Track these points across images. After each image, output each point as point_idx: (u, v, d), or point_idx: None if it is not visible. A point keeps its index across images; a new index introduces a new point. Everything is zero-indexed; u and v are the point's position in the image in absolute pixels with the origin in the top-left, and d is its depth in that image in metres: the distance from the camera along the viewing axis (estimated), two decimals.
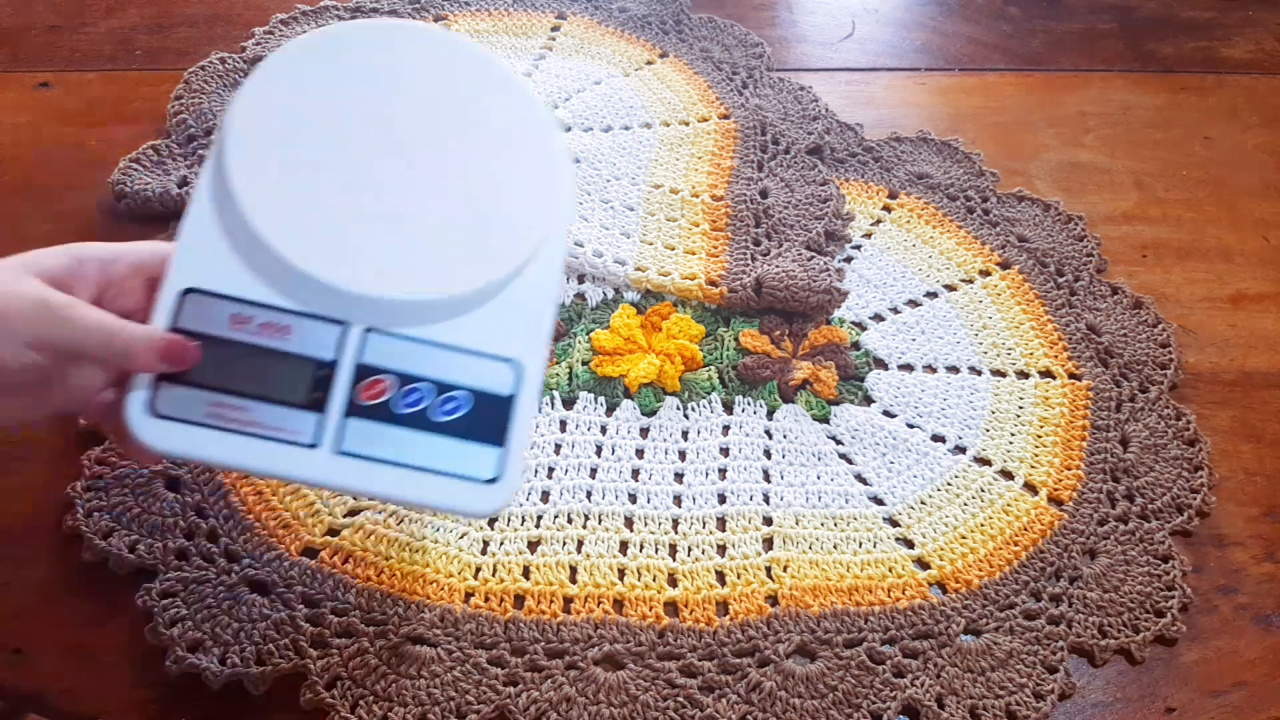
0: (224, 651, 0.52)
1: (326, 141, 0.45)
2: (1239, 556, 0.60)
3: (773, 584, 0.57)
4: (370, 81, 0.47)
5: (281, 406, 0.43)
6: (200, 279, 0.43)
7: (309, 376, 0.43)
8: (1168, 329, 0.70)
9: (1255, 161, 0.83)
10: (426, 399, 0.44)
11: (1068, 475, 0.62)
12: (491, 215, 0.46)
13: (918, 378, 0.67)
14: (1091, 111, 0.86)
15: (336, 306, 0.44)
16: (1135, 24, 0.95)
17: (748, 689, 0.53)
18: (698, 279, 0.69)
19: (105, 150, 0.77)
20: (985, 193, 0.78)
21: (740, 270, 0.70)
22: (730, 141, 0.79)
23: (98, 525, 0.56)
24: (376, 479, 0.43)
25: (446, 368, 0.45)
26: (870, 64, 0.90)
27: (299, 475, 0.44)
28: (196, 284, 0.43)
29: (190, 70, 0.82)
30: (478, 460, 0.44)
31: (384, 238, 0.44)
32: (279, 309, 0.44)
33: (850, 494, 0.61)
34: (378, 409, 0.44)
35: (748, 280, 0.69)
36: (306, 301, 0.44)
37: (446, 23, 0.86)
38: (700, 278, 0.70)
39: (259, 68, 0.46)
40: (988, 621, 0.56)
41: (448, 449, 0.44)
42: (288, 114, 0.45)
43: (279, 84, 0.46)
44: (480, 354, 0.45)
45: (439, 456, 0.44)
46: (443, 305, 0.45)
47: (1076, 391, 0.67)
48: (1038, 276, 0.73)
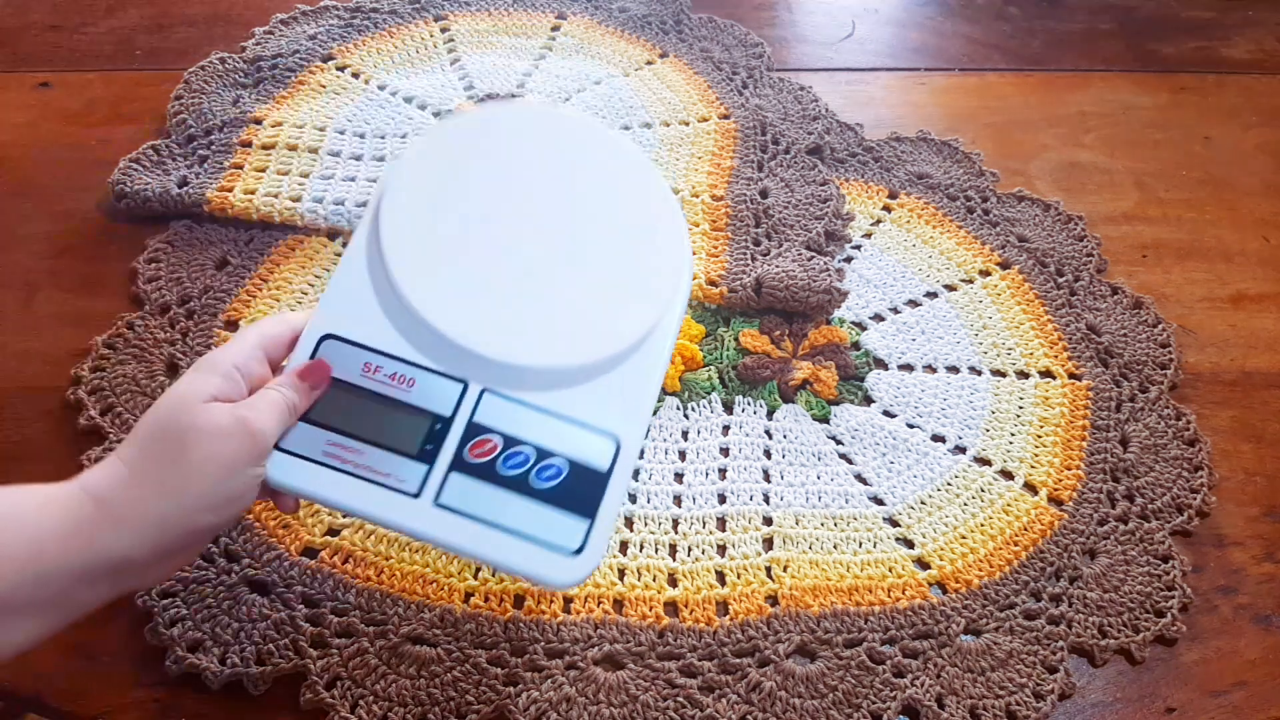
0: (224, 651, 0.52)
1: (469, 213, 0.49)
2: (1239, 556, 0.60)
3: (773, 584, 0.57)
4: (512, 160, 0.51)
5: (394, 454, 0.46)
6: (340, 327, 0.47)
7: (425, 428, 0.46)
8: (1168, 329, 0.70)
9: (1255, 161, 0.83)
10: (527, 462, 0.46)
11: (1068, 475, 0.62)
12: (614, 293, 0.49)
13: (918, 378, 0.67)
14: (1091, 111, 0.86)
15: (460, 365, 0.47)
16: (1135, 24, 0.94)
17: (748, 689, 0.53)
18: (698, 279, 0.69)
19: (105, 150, 0.77)
20: (985, 193, 0.78)
21: (740, 270, 0.70)
22: (730, 141, 0.79)
23: None
24: (467, 535, 0.45)
25: (550, 435, 0.47)
26: (870, 64, 0.90)
27: (396, 522, 0.45)
28: (336, 331, 0.47)
29: (190, 70, 0.82)
30: (565, 530, 0.45)
31: (513, 306, 0.48)
32: (408, 362, 0.47)
33: (850, 494, 0.61)
34: (481, 467, 0.46)
35: (748, 280, 0.69)
36: (434, 358, 0.47)
37: (446, 22, 0.86)
38: (700, 278, 0.70)
39: (416, 141, 0.49)
40: (988, 621, 0.56)
41: (539, 515, 0.45)
42: (437, 185, 0.50)
43: (431, 157, 0.50)
44: (584, 425, 0.47)
45: (530, 521, 0.45)
46: (557, 374, 0.47)
47: (1076, 391, 0.67)
48: (1038, 276, 0.73)
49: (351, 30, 0.85)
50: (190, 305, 0.67)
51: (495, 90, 0.81)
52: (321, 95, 0.79)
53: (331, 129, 0.77)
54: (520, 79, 0.83)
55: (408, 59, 0.83)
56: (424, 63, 0.83)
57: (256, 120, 0.77)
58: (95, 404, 0.61)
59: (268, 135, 0.76)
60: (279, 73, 0.81)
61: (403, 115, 0.78)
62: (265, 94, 0.80)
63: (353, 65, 0.82)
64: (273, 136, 0.76)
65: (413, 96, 0.80)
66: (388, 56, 0.83)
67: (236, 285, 0.68)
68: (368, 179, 0.73)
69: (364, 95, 0.80)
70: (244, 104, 0.79)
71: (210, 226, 0.71)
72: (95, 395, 0.62)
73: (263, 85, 0.80)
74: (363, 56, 0.83)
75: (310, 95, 0.79)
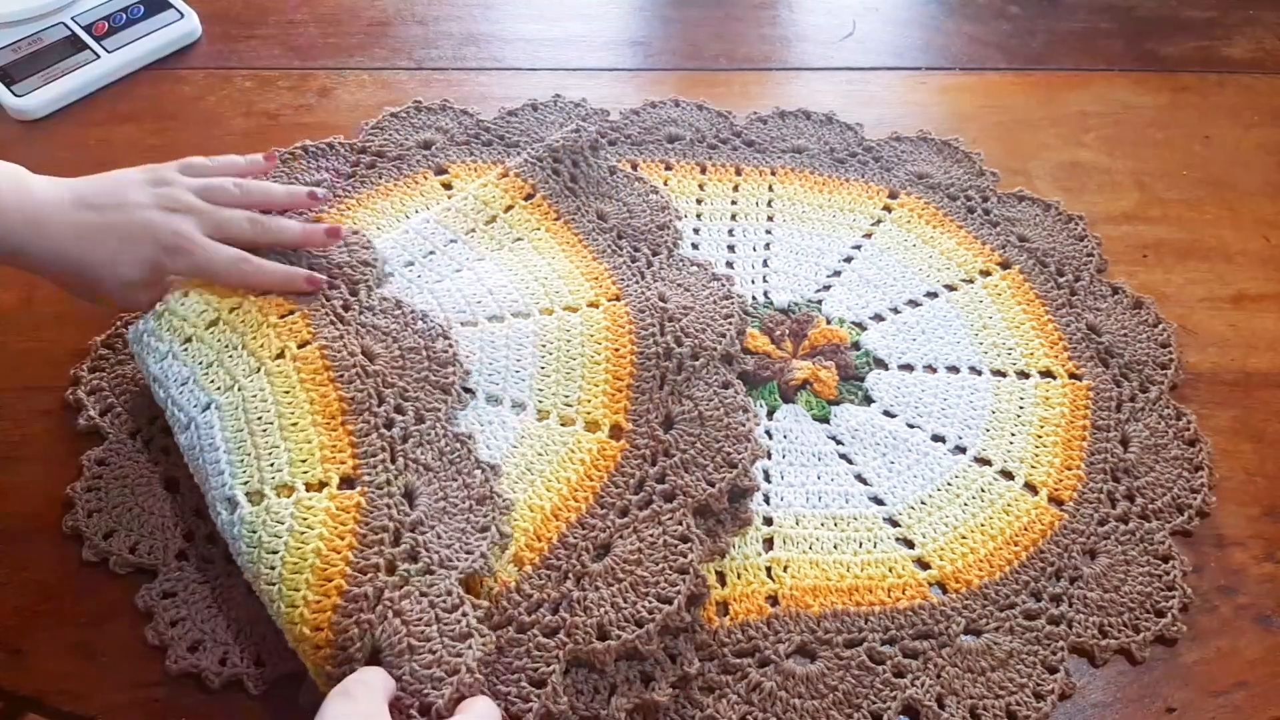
0: (224, 651, 0.52)
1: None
2: (1239, 556, 0.60)
3: (773, 584, 0.57)
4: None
5: None
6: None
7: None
8: (1168, 329, 0.70)
9: (1256, 161, 0.83)
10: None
11: (1068, 475, 0.62)
12: None
13: (918, 378, 0.67)
14: (1092, 111, 0.86)
15: None
16: (1135, 24, 0.94)
17: (748, 689, 0.53)
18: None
19: (105, 150, 0.77)
20: (985, 192, 0.78)
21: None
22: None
23: (98, 525, 0.56)
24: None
25: None
26: (870, 63, 0.89)
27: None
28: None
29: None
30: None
31: None
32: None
33: (850, 494, 0.61)
34: None
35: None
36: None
37: (448, 176, 0.76)
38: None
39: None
40: (988, 621, 0.56)
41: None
42: None
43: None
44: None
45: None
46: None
47: (1077, 391, 0.67)
48: (1038, 276, 0.73)
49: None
50: None
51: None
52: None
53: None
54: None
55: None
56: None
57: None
58: (95, 404, 0.61)
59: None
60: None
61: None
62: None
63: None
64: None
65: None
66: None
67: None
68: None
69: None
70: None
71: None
72: (95, 395, 0.62)
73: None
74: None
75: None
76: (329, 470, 0.53)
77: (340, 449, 0.54)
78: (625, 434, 0.59)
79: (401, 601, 0.48)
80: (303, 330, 0.59)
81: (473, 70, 0.86)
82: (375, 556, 0.49)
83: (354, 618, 0.47)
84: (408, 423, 0.56)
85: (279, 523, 0.50)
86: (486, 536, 0.52)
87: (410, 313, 0.61)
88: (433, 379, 0.58)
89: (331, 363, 0.57)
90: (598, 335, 0.63)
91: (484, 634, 0.48)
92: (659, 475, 0.57)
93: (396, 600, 0.48)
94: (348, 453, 0.54)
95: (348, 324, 0.60)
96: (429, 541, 0.51)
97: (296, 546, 0.49)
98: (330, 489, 0.52)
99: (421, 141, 0.78)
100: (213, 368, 0.57)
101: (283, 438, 0.54)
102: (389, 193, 0.74)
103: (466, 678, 0.46)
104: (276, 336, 0.58)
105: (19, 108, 0.79)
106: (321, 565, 0.49)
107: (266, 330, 0.58)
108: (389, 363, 0.58)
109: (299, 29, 0.89)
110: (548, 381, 0.61)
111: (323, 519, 0.51)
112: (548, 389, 0.61)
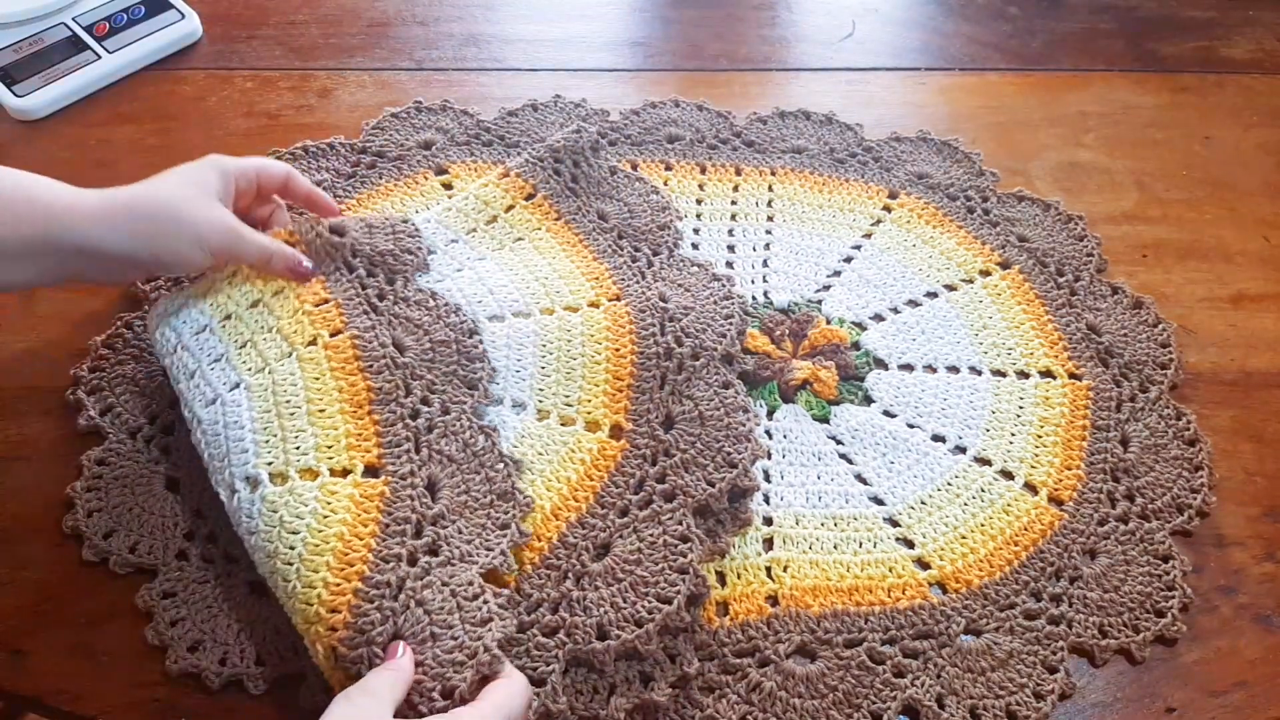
0: (224, 651, 0.52)
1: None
2: (1239, 556, 0.60)
3: (773, 584, 0.57)
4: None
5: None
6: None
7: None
8: (1168, 329, 0.70)
9: (1255, 161, 0.83)
10: None
11: (1068, 475, 0.62)
12: None
13: (918, 378, 0.67)
14: (1091, 111, 0.86)
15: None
16: (1135, 24, 0.94)
17: (748, 689, 0.53)
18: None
19: (105, 150, 0.77)
20: (985, 192, 0.78)
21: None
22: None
23: (98, 525, 0.57)
24: None
25: None
26: (870, 64, 0.90)
27: None
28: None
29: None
30: None
31: None
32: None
33: (850, 494, 0.61)
34: None
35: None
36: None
37: (449, 176, 0.76)
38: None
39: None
40: (988, 621, 0.56)
41: None
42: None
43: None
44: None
45: None
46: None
47: (1077, 391, 0.67)
48: (1038, 276, 0.73)
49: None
50: None
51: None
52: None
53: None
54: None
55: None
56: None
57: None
58: (95, 404, 0.61)
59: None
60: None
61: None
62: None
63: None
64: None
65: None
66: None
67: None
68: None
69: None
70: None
71: None
72: (95, 395, 0.62)
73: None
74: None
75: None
76: (354, 458, 0.53)
77: (366, 437, 0.54)
78: (625, 434, 0.59)
79: (424, 591, 0.49)
80: (336, 319, 0.59)
81: (473, 71, 0.86)
82: (398, 546, 0.50)
83: (376, 603, 0.48)
84: (433, 414, 0.56)
85: (302, 504, 0.51)
86: (507, 534, 0.53)
87: (444, 305, 0.62)
88: (461, 373, 0.59)
89: (362, 353, 0.58)
90: (598, 335, 0.63)
91: (504, 617, 0.49)
92: (659, 475, 0.57)
93: (419, 590, 0.49)
94: (373, 441, 0.54)
95: (381, 314, 0.60)
96: (450, 536, 0.52)
97: (319, 529, 0.50)
98: (355, 476, 0.53)
99: (422, 142, 0.78)
100: (246, 348, 0.58)
101: (310, 422, 0.54)
102: (389, 193, 0.74)
103: (485, 657, 0.46)
104: (311, 324, 0.59)
105: (20, 108, 0.79)
106: (344, 550, 0.49)
107: (301, 317, 0.59)
108: (419, 355, 0.59)
109: (299, 29, 0.89)
110: (548, 381, 0.61)
111: (346, 505, 0.51)
112: (548, 389, 0.61)
